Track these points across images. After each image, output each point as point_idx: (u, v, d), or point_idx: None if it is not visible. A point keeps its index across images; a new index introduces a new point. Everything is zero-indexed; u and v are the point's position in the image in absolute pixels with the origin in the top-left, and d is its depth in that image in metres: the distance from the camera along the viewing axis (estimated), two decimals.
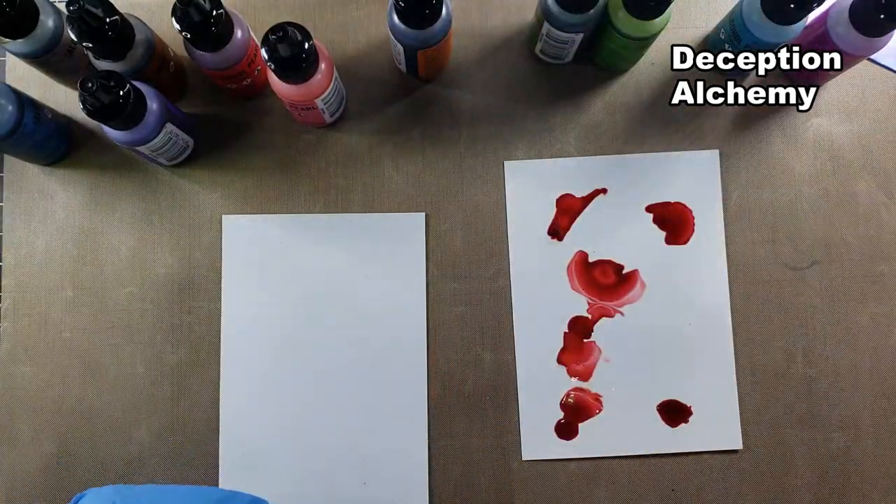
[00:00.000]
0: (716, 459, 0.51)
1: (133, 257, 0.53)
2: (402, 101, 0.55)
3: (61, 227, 0.53)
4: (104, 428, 0.51)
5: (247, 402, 0.52)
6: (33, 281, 0.53)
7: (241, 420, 0.51)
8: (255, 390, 0.52)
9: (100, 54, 0.46)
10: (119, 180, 0.54)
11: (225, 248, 0.53)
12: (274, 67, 0.44)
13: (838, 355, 0.52)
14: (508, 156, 0.54)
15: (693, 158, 0.54)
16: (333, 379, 0.52)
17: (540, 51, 0.53)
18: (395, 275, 0.53)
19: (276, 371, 0.52)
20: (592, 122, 0.54)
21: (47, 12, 0.46)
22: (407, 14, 0.45)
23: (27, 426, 0.51)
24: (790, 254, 0.53)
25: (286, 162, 0.54)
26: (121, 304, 0.52)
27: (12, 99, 0.47)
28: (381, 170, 0.54)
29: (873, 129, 0.54)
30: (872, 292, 0.53)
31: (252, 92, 0.53)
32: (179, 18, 0.43)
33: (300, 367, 0.52)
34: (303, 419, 0.51)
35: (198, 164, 0.54)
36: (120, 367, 0.52)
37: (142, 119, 0.45)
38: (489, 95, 0.55)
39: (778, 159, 0.54)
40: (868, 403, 0.52)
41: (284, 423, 0.51)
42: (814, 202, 0.54)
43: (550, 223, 0.53)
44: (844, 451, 0.51)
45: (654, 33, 0.48)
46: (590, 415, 0.52)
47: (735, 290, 0.53)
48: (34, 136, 0.49)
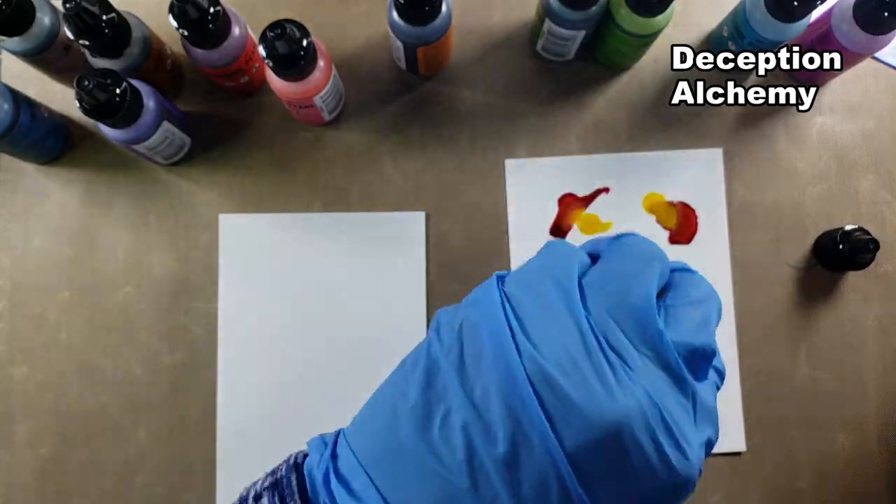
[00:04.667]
0: (719, 461, 0.51)
1: (130, 257, 0.53)
2: (402, 98, 0.54)
3: (57, 227, 0.53)
4: (102, 429, 0.51)
5: (245, 403, 0.51)
6: (29, 281, 0.52)
7: (239, 420, 0.51)
8: (253, 390, 0.51)
9: (96, 52, 0.45)
10: (115, 179, 0.53)
11: (222, 247, 0.53)
12: (272, 65, 0.43)
13: (842, 356, 0.52)
14: (509, 154, 0.54)
15: (696, 157, 0.53)
16: (332, 379, 0.51)
17: (541, 48, 0.53)
18: (394, 274, 0.52)
19: (274, 371, 0.51)
20: (594, 120, 0.54)
21: (43, 10, 0.46)
22: (407, 11, 0.45)
23: (24, 428, 0.51)
24: (794, 253, 0.53)
25: (284, 160, 0.54)
26: (117, 304, 0.52)
27: (8, 97, 0.46)
28: (380, 168, 0.54)
29: (877, 128, 0.54)
30: (877, 292, 0.52)
31: (250, 90, 0.53)
32: (176, 16, 0.43)
33: (298, 368, 0.51)
34: (301, 420, 0.51)
35: (195, 162, 0.54)
36: (117, 368, 0.51)
37: (138, 117, 0.45)
38: (490, 93, 0.54)
39: (782, 158, 0.54)
40: (872, 405, 0.51)
41: (283, 423, 0.51)
42: (818, 201, 0.53)
43: (552, 222, 0.53)
44: (849, 453, 0.51)
45: (657, 30, 0.47)
46: None
47: (738, 289, 0.52)
48: (30, 135, 0.48)
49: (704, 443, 0.23)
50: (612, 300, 0.23)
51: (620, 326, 0.22)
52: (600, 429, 0.21)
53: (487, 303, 0.23)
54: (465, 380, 0.22)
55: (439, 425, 0.22)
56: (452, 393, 0.22)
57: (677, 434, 0.22)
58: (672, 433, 0.22)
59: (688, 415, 0.23)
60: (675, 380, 0.22)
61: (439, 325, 0.24)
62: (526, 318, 0.23)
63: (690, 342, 0.23)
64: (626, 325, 0.22)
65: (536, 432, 0.21)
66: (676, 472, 0.22)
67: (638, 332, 0.22)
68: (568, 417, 0.21)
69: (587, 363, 0.21)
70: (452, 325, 0.24)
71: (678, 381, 0.23)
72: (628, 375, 0.22)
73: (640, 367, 0.22)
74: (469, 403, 0.22)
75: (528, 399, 0.21)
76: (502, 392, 0.21)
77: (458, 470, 0.22)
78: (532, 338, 0.22)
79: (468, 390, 0.22)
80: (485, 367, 0.22)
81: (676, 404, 0.22)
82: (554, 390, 0.21)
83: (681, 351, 0.23)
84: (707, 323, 0.24)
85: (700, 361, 0.24)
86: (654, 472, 0.21)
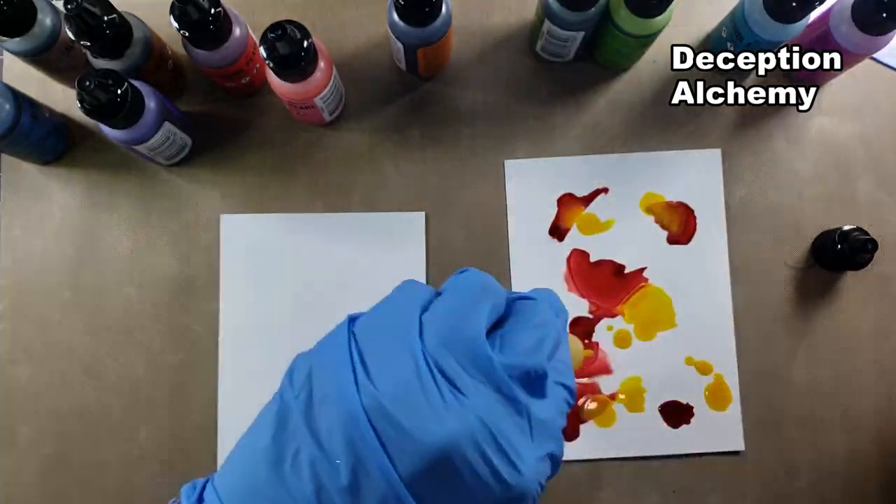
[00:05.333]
0: (718, 461, 0.51)
1: (131, 257, 0.53)
2: (402, 99, 0.54)
3: (59, 227, 0.53)
4: (103, 429, 0.51)
5: (246, 403, 0.51)
6: (31, 282, 0.52)
7: (239, 420, 0.51)
8: (254, 391, 0.51)
9: (97, 53, 0.46)
10: (117, 179, 0.54)
11: (223, 247, 0.53)
12: (272, 66, 0.43)
13: (840, 356, 0.52)
14: (509, 155, 0.54)
15: (695, 157, 0.54)
16: None
17: (541, 49, 0.53)
18: (394, 275, 0.52)
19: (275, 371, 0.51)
20: (594, 121, 0.54)
21: (45, 10, 0.46)
22: (407, 12, 0.45)
23: (26, 428, 0.51)
24: (792, 253, 0.53)
25: (285, 161, 0.54)
26: (119, 304, 0.52)
27: (10, 97, 0.46)
28: (380, 169, 0.54)
29: (875, 128, 0.54)
30: (875, 292, 0.53)
31: (250, 90, 0.53)
32: (178, 17, 0.43)
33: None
34: None
35: (196, 163, 0.54)
36: (119, 368, 0.52)
37: (140, 118, 0.45)
38: (489, 94, 0.54)
39: (780, 158, 0.54)
40: (870, 405, 0.52)
41: None
42: (816, 201, 0.53)
43: (551, 223, 0.53)
44: (847, 453, 0.51)
45: (656, 31, 0.48)
46: (591, 416, 0.51)
47: (737, 289, 0.52)
48: (31, 135, 0.49)
49: (544, 456, 0.25)
50: (445, 332, 0.25)
51: (454, 355, 0.24)
52: (430, 452, 0.23)
53: (335, 344, 0.26)
54: (312, 420, 0.24)
55: (290, 463, 0.24)
56: (301, 433, 0.24)
57: (509, 450, 0.24)
58: (503, 450, 0.24)
59: (522, 432, 0.25)
60: (508, 400, 0.24)
61: (293, 371, 0.27)
62: (368, 355, 0.25)
63: (523, 364, 0.25)
64: (458, 353, 0.25)
65: (374, 462, 0.23)
66: (510, 486, 0.24)
67: (470, 359, 0.24)
68: (401, 445, 0.23)
69: (419, 392, 0.23)
70: (303, 369, 0.26)
71: (510, 401, 0.25)
72: (459, 400, 0.24)
73: (473, 392, 0.24)
74: (315, 441, 0.24)
75: (365, 432, 0.23)
76: (343, 428, 0.23)
77: (308, 502, 0.23)
78: (371, 374, 0.24)
79: (314, 430, 0.24)
80: (329, 406, 0.24)
81: (510, 423, 0.24)
82: (389, 421, 0.23)
83: (514, 373, 0.25)
84: (540, 345, 0.27)
85: (536, 381, 0.26)
86: (487, 488, 0.23)
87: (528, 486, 0.24)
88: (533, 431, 0.25)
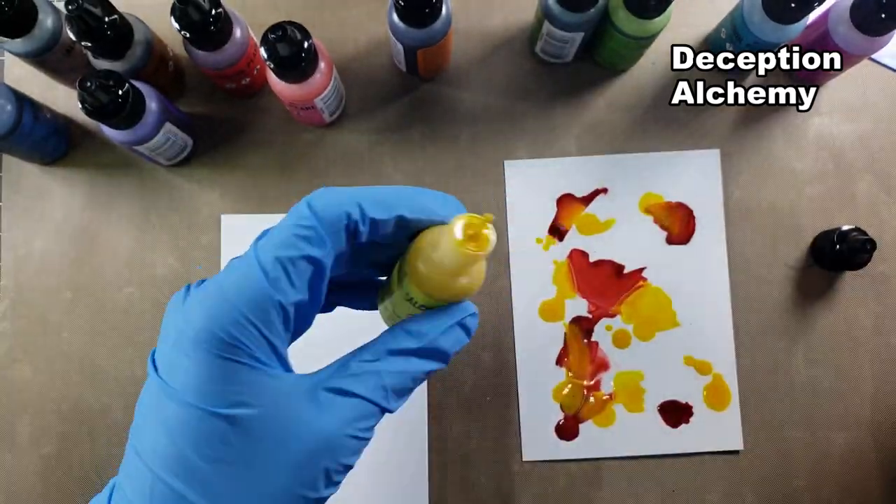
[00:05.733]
0: (716, 460, 0.51)
1: (132, 257, 0.53)
2: (402, 100, 0.55)
3: (60, 227, 0.53)
4: (104, 429, 0.51)
5: None
6: (32, 282, 0.52)
7: None
8: None
9: (99, 53, 0.46)
10: (118, 180, 0.54)
11: (224, 247, 0.53)
12: (273, 67, 0.44)
13: (839, 355, 0.52)
14: (508, 155, 0.54)
15: (694, 158, 0.54)
16: None
17: (540, 50, 0.53)
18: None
19: None
20: (593, 122, 0.54)
21: (46, 11, 0.46)
22: (407, 13, 0.45)
23: (26, 428, 0.51)
24: (791, 253, 0.53)
25: (285, 161, 0.54)
26: (120, 304, 0.52)
27: (11, 98, 0.46)
28: (380, 169, 0.54)
29: (874, 129, 0.54)
30: (873, 292, 0.53)
31: (251, 91, 0.53)
32: (178, 18, 0.43)
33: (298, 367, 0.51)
34: None
35: (197, 163, 0.54)
36: (119, 368, 0.52)
37: (141, 118, 0.45)
38: (489, 95, 0.55)
39: (779, 158, 0.54)
40: (869, 404, 0.52)
41: None
42: (815, 201, 0.54)
43: (551, 222, 0.53)
44: (845, 452, 0.51)
45: (655, 33, 0.48)
46: (590, 416, 0.51)
47: (736, 289, 0.53)
48: (33, 136, 0.49)
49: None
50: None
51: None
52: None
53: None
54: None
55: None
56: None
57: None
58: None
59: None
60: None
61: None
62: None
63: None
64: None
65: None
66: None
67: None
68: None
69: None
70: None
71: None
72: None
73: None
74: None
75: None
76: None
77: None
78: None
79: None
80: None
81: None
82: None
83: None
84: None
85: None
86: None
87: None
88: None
